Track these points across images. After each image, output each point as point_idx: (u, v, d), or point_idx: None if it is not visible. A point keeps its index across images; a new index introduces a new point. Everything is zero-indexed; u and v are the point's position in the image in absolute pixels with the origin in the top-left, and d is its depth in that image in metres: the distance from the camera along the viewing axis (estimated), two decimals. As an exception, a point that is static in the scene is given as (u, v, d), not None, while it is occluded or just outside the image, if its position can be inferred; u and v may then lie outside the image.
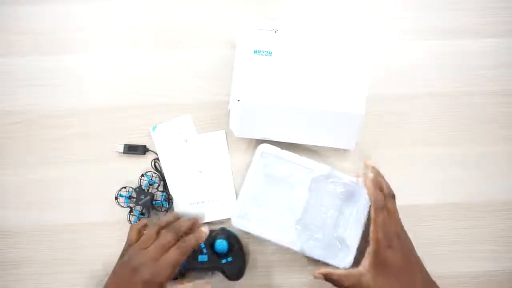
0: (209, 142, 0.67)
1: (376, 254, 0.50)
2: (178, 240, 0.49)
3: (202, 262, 0.59)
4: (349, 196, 0.61)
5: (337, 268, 0.58)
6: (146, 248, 0.48)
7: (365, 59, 0.61)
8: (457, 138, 0.69)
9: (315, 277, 0.55)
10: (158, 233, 0.50)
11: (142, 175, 0.65)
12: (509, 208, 0.66)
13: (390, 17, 0.74)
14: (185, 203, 0.65)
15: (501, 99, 0.70)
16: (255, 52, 0.60)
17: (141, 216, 0.63)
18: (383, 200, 0.52)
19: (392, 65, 0.72)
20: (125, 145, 0.67)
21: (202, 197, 0.65)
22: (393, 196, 0.54)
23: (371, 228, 0.51)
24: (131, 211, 0.63)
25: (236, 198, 0.65)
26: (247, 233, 0.61)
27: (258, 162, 0.63)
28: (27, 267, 0.64)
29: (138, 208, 0.63)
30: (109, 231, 0.64)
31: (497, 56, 0.72)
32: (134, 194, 0.64)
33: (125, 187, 0.64)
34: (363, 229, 0.59)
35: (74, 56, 0.71)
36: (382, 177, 0.56)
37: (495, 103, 0.70)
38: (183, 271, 0.59)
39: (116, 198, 0.64)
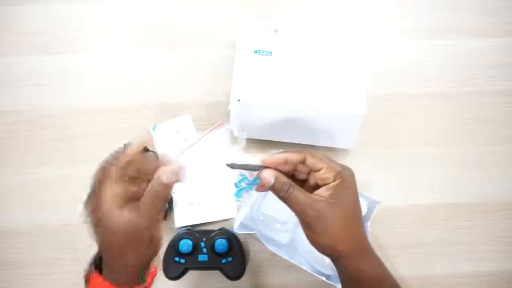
0: (209, 142, 0.67)
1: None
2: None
3: (202, 262, 0.58)
4: None
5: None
6: None
7: (365, 59, 0.61)
8: (457, 138, 0.69)
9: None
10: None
11: (142, 175, 0.65)
12: (509, 208, 0.66)
13: (390, 17, 0.74)
14: (185, 203, 0.65)
15: (501, 99, 0.70)
16: (255, 52, 0.60)
17: (141, 216, 0.63)
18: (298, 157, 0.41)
19: (392, 65, 0.72)
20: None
21: (202, 197, 0.65)
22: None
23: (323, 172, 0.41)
24: (131, 211, 0.63)
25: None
26: (247, 234, 0.61)
27: None
28: (27, 267, 0.64)
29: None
30: (109, 231, 0.64)
31: (497, 56, 0.72)
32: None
33: (125, 187, 0.64)
34: None
35: (74, 56, 0.71)
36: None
37: (495, 103, 0.70)
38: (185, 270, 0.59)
39: (116, 198, 0.64)
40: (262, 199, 0.63)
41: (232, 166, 0.42)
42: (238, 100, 0.59)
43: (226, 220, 0.65)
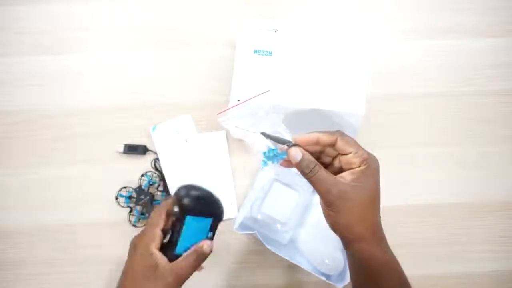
0: (209, 142, 0.67)
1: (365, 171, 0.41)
2: None
3: None
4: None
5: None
6: None
7: (365, 59, 0.61)
8: (457, 138, 0.69)
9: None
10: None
11: (142, 175, 0.65)
12: (509, 208, 0.66)
13: (390, 17, 0.74)
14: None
15: (501, 99, 0.70)
16: (255, 52, 0.60)
17: (141, 216, 0.63)
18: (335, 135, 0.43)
19: (392, 65, 0.72)
20: (125, 145, 0.67)
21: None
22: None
23: (353, 153, 0.42)
24: (131, 211, 0.64)
25: (236, 198, 0.65)
26: (247, 234, 0.61)
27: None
28: (27, 267, 0.64)
29: (138, 208, 0.63)
30: (109, 231, 0.64)
31: (497, 56, 0.72)
32: (134, 194, 0.64)
33: (125, 187, 0.64)
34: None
35: (74, 56, 0.71)
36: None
37: (495, 103, 0.70)
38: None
39: (116, 198, 0.64)
40: (263, 199, 0.63)
41: (265, 135, 0.44)
42: (238, 100, 0.59)
43: (226, 220, 0.65)
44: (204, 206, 0.45)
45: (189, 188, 0.44)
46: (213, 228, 0.47)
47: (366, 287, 0.44)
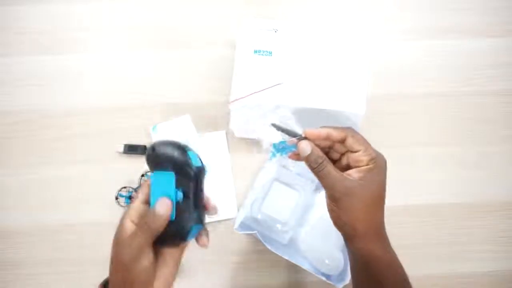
0: (209, 142, 0.67)
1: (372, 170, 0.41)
2: None
3: None
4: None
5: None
6: None
7: (365, 58, 0.61)
8: (457, 138, 0.69)
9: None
10: None
11: (142, 175, 0.65)
12: (509, 208, 0.66)
13: (390, 17, 0.74)
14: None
15: (501, 99, 0.70)
16: (255, 52, 0.60)
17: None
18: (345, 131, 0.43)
19: (392, 65, 0.72)
20: (125, 145, 0.67)
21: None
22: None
23: (362, 151, 0.42)
24: (131, 211, 0.63)
25: (236, 198, 0.65)
26: (247, 234, 0.61)
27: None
28: (27, 267, 0.64)
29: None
30: (109, 231, 0.64)
31: (497, 56, 0.72)
32: (134, 194, 0.64)
33: (125, 187, 0.64)
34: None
35: (74, 56, 0.71)
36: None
37: (495, 103, 0.70)
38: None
39: (116, 198, 0.64)
40: (263, 199, 0.63)
41: (276, 127, 0.44)
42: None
43: (226, 220, 0.65)
44: (164, 160, 0.42)
45: (153, 145, 0.42)
46: (182, 184, 0.42)
47: (367, 286, 0.44)
